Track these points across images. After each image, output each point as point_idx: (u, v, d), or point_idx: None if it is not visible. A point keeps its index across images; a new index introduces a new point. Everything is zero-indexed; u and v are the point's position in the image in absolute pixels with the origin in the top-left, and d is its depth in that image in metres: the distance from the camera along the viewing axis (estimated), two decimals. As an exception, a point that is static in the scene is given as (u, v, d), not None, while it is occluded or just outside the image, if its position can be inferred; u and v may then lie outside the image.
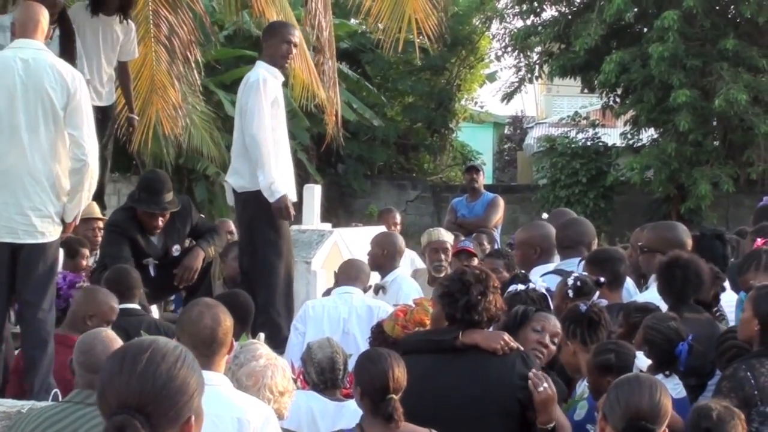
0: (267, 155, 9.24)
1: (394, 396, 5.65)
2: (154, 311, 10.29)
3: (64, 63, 7.94)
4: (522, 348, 6.14)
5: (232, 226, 11.90)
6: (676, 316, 6.83)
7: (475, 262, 10.43)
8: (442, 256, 10.38)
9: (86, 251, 10.33)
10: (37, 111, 7.62)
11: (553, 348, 6.53)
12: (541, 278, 8.15)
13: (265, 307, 9.12)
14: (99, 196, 12.47)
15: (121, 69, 11.75)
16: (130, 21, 11.99)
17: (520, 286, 7.41)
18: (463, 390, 5.96)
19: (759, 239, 7.95)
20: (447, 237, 10.72)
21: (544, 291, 7.45)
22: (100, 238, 10.65)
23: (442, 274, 10.07)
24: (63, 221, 7.79)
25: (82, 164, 7.67)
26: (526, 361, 6.04)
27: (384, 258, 10.12)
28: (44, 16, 7.89)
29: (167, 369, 3.14)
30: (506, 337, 6.07)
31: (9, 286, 7.79)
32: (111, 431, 3.06)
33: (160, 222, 9.71)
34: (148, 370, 3.11)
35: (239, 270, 9.74)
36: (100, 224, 11.13)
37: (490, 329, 6.33)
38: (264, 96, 9.27)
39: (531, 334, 6.50)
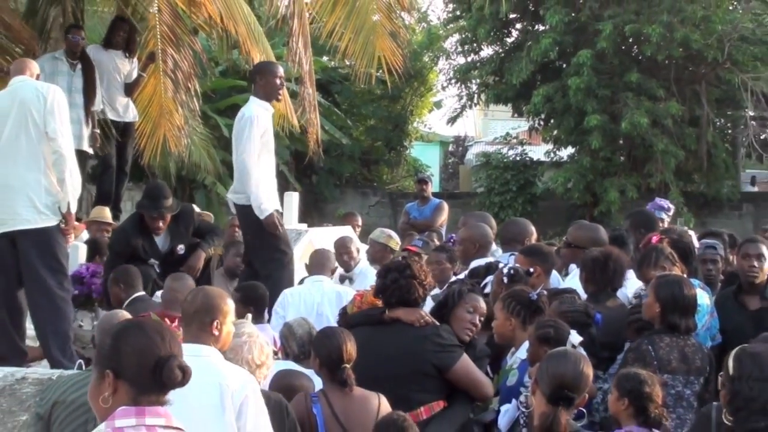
0: (256, 181, 9.23)
1: (347, 366, 5.73)
2: None
3: (45, 83, 7.99)
4: (438, 323, 6.26)
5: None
6: (575, 297, 6.88)
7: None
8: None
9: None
10: (19, 123, 7.63)
11: (479, 324, 6.55)
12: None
13: (272, 295, 9.12)
14: (116, 202, 12.56)
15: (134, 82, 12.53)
16: (134, 59, 12.30)
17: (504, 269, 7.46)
18: (388, 353, 6.08)
19: (654, 237, 7.98)
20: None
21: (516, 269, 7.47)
22: (107, 239, 10.64)
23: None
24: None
25: (57, 156, 7.66)
26: (439, 333, 6.17)
27: (356, 258, 10.45)
28: (31, 64, 8.12)
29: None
30: (422, 312, 6.23)
31: (14, 273, 7.75)
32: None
33: (161, 223, 9.57)
34: None
35: (243, 264, 9.67)
36: (108, 228, 11.14)
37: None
38: (256, 131, 9.26)
39: (465, 314, 6.52)
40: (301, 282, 9.30)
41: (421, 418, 5.98)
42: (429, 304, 8.11)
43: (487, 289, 7.49)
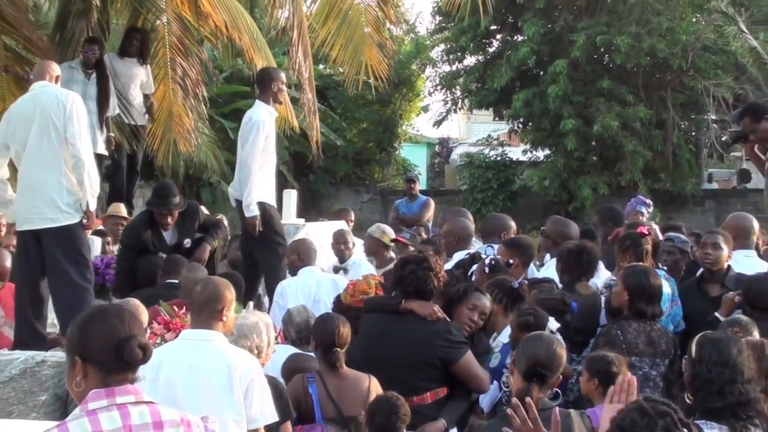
0: (252, 182, 9.26)
1: (338, 349, 5.82)
2: None
3: (64, 90, 7.95)
4: (449, 320, 6.23)
5: None
6: (553, 286, 6.90)
7: (410, 249, 10.51)
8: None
9: (110, 240, 10.41)
10: (41, 128, 7.62)
11: (480, 322, 6.52)
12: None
13: (269, 285, 9.18)
14: (128, 199, 12.57)
15: (146, 99, 12.43)
16: (147, 65, 12.27)
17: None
18: (400, 342, 6.07)
19: (641, 228, 7.98)
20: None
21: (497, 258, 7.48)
22: (121, 232, 10.66)
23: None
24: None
25: (76, 160, 7.66)
26: (449, 329, 6.13)
27: (352, 250, 10.46)
28: (50, 67, 8.04)
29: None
30: (436, 308, 6.17)
31: (38, 266, 7.74)
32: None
33: (170, 219, 9.61)
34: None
35: (242, 256, 9.70)
36: (123, 222, 11.15)
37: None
38: (261, 135, 9.28)
39: (466, 311, 6.49)
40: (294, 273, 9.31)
41: (426, 402, 6.02)
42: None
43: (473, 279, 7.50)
